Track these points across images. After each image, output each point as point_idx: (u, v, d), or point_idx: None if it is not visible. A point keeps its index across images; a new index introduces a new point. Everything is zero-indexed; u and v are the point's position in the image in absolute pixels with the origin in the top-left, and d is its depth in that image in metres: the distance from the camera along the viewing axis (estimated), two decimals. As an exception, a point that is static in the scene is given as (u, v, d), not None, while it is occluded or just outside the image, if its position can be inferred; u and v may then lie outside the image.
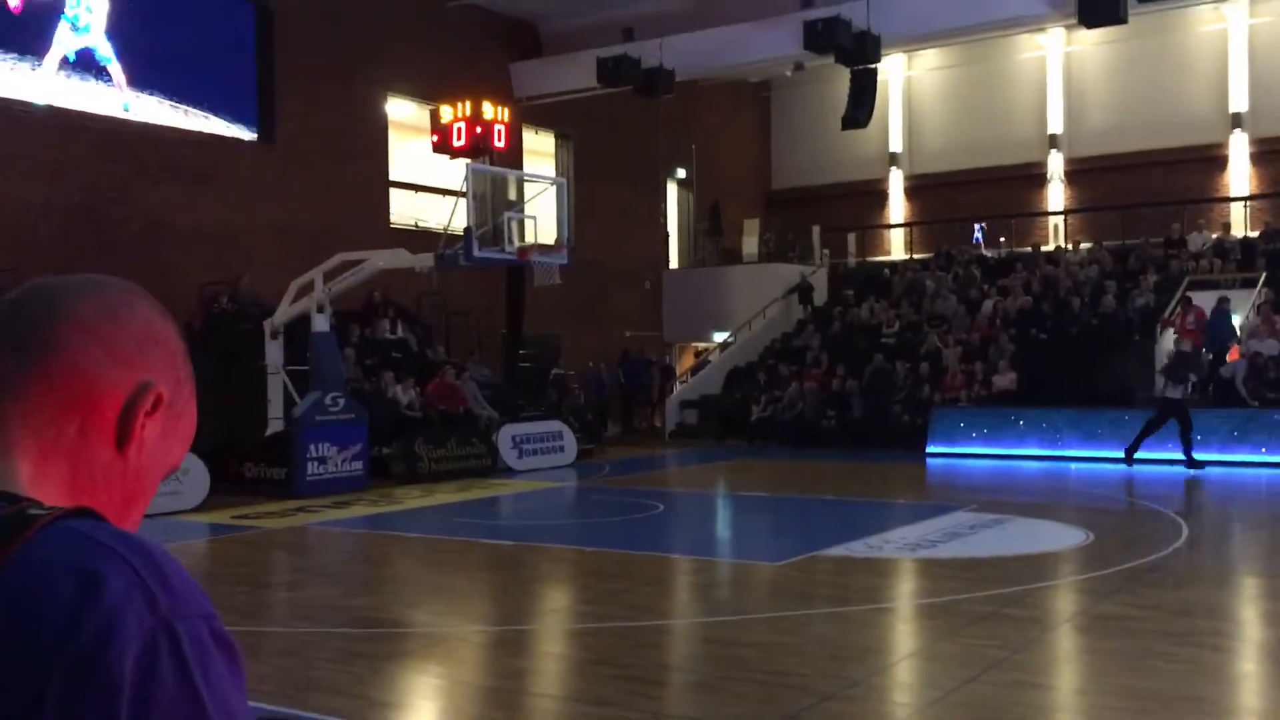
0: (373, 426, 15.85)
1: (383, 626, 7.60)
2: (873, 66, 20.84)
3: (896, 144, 30.33)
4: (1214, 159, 26.51)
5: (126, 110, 17.78)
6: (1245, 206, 25.83)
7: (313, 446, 14.91)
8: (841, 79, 21.88)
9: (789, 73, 27.70)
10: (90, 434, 1.03)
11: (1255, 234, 23.42)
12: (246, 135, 19.61)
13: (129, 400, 1.04)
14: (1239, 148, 26.31)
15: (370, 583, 9.63)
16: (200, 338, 16.51)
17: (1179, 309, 19.65)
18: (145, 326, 1.08)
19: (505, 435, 17.80)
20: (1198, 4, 22.94)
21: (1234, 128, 26.24)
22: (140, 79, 18.00)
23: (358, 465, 15.46)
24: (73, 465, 1.03)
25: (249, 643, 6.80)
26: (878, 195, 30.62)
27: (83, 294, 1.07)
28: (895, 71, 29.42)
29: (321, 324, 15.62)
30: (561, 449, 18.59)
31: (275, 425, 15.92)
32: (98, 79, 17.53)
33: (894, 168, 30.45)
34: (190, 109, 18.74)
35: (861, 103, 20.96)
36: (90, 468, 1.04)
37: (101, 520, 0.96)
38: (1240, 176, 26.40)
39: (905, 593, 8.92)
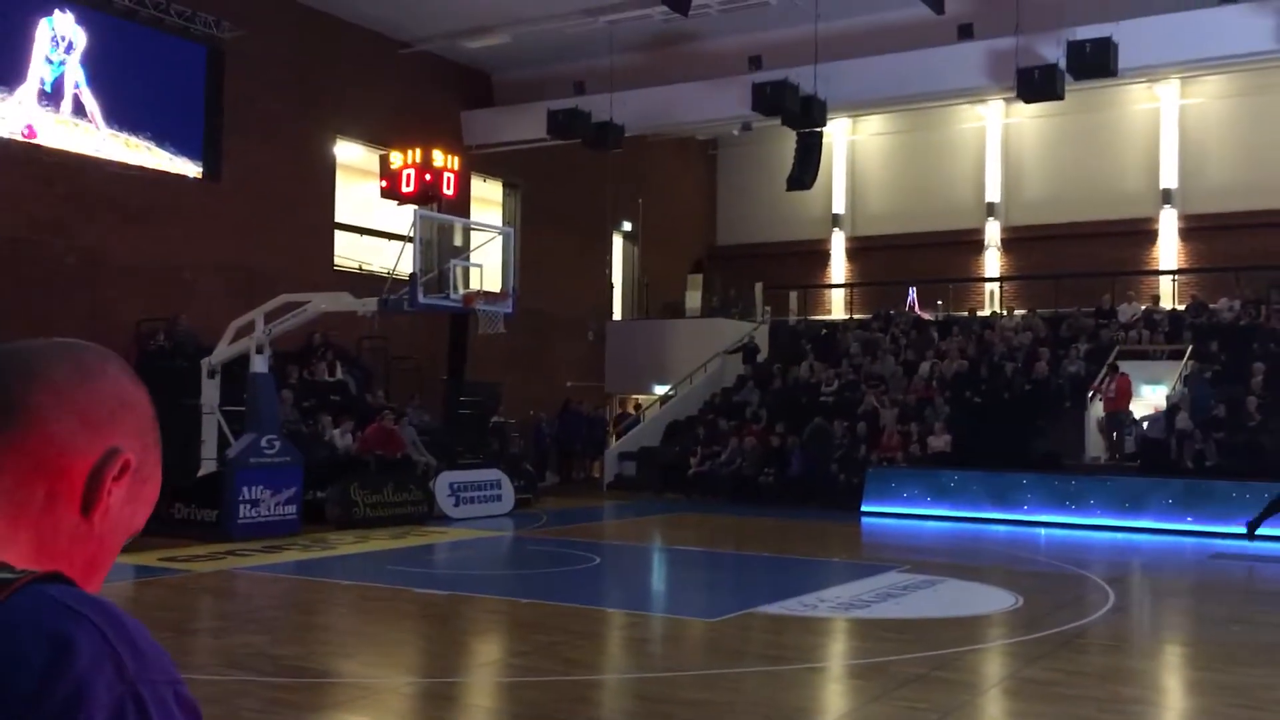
0: (308, 470, 15.64)
1: (311, 676, 7.48)
2: (818, 130, 21.29)
3: (839, 206, 30.86)
4: (1144, 233, 27.28)
5: (77, 141, 17.61)
6: (1174, 280, 26.59)
7: (246, 489, 14.67)
8: (787, 141, 22.30)
9: (736, 132, 28.08)
10: (57, 499, 1.04)
11: (1182, 307, 24.11)
12: (192, 171, 19.46)
13: (97, 466, 1.05)
14: (1168, 223, 27.12)
15: (299, 630, 9.46)
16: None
17: (1109, 377, 20.11)
18: (116, 391, 1.09)
19: (443, 482, 17.66)
20: (1132, 83, 23.74)
21: (1164, 203, 27.05)
22: (88, 112, 17.86)
23: (291, 509, 15.22)
24: (38, 529, 1.04)
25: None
26: (820, 255, 31.06)
27: (57, 358, 1.08)
28: (840, 135, 30.01)
29: (260, 365, 15.44)
30: (499, 498, 18.48)
31: (208, 466, 15.65)
32: (56, 111, 17.39)
33: (836, 229, 30.94)
34: (135, 143, 18.57)
35: (806, 165, 21.38)
36: (55, 531, 1.04)
37: (71, 585, 0.98)
38: (1169, 251, 27.19)
39: (838, 652, 8.98)
